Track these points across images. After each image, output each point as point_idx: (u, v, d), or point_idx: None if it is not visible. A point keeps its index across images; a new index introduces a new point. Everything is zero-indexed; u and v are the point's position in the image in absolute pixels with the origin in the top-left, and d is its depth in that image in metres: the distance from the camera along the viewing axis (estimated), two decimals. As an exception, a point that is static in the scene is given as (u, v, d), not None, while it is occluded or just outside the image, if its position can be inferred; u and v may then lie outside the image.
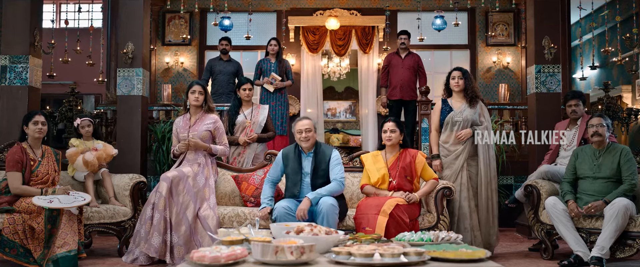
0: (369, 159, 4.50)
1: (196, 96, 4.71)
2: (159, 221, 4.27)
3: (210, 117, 4.75)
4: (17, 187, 4.19)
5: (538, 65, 6.24)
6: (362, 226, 4.05)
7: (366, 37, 9.81)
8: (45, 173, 4.33)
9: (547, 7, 6.28)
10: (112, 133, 7.32)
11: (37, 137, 4.34)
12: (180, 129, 4.76)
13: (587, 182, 4.46)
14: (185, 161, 4.67)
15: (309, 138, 4.29)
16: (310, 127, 4.29)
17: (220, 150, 4.75)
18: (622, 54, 7.67)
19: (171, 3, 8.11)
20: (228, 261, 2.38)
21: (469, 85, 4.76)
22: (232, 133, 5.55)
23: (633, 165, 4.39)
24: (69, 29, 7.65)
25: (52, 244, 4.02)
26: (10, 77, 6.01)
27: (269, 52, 7.18)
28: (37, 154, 4.36)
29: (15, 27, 6.04)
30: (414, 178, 4.36)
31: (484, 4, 8.60)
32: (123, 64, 6.33)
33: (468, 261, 2.51)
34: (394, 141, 4.40)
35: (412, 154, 4.40)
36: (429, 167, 4.43)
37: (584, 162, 4.51)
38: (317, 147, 4.36)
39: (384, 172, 4.36)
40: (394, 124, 4.42)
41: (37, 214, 4.06)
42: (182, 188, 4.42)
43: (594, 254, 4.12)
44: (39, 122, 4.33)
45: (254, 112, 5.55)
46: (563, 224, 4.37)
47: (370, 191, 4.38)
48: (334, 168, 4.29)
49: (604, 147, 4.50)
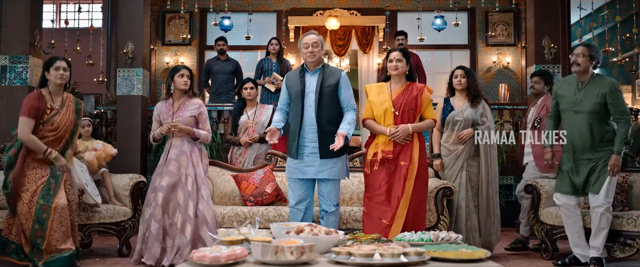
0: (373, 90, 4.24)
1: (185, 80, 4.48)
2: (157, 231, 4.24)
3: (194, 102, 4.54)
4: (25, 134, 3.97)
5: (538, 65, 6.24)
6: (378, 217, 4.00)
7: (366, 37, 9.81)
8: (61, 124, 4.11)
9: (547, 7, 6.29)
10: (112, 133, 7.32)
11: (59, 83, 4.16)
12: (162, 114, 4.52)
13: (568, 115, 4.22)
14: (172, 147, 4.45)
15: (315, 53, 4.02)
16: (317, 42, 4.03)
17: (203, 135, 4.52)
18: (622, 54, 7.68)
19: (171, 3, 8.11)
20: (228, 261, 2.37)
21: (471, 84, 4.75)
22: (235, 134, 5.54)
23: (621, 100, 4.10)
24: (69, 29, 7.66)
25: (42, 250, 3.96)
26: (10, 77, 6.01)
27: (270, 52, 7.18)
28: (56, 102, 4.16)
29: (15, 27, 6.04)
30: (417, 113, 4.14)
31: (484, 4, 8.60)
32: (123, 64, 6.33)
33: (468, 261, 2.51)
34: (400, 70, 4.15)
35: (419, 87, 4.16)
36: (432, 107, 4.22)
37: (566, 94, 4.26)
38: (324, 66, 4.12)
39: (388, 105, 4.11)
40: (400, 53, 4.17)
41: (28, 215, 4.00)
42: (180, 192, 4.33)
43: (592, 255, 4.12)
44: (60, 67, 4.15)
45: (258, 112, 5.54)
46: (569, 223, 4.25)
47: (370, 125, 4.18)
48: (345, 92, 4.07)
49: (587, 79, 4.20)
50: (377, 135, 4.13)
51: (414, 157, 4.05)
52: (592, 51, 4.22)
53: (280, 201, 4.91)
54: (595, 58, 4.22)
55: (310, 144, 4.02)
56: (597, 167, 4.10)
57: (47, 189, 4.03)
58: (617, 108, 4.08)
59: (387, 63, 4.22)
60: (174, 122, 4.38)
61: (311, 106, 4.02)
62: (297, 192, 4.10)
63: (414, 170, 4.03)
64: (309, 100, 4.03)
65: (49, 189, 4.04)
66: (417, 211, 4.02)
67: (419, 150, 4.07)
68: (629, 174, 4.78)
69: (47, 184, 4.04)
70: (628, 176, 4.76)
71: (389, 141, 4.06)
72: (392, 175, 4.04)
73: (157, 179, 4.38)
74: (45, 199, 3.99)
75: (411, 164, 4.03)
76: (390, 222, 3.94)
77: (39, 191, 4.00)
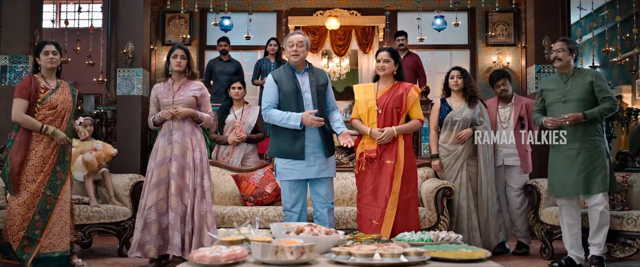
0: (359, 90, 4.29)
1: (178, 61, 4.31)
2: (175, 220, 4.07)
3: (195, 83, 4.39)
4: (18, 114, 3.98)
5: (538, 65, 6.24)
6: (368, 219, 4.01)
7: (366, 37, 9.81)
8: (58, 102, 4.10)
9: (547, 7, 6.29)
10: (112, 133, 7.33)
11: (50, 67, 4.15)
12: (162, 94, 4.32)
13: (557, 106, 4.19)
14: (175, 130, 4.26)
15: (298, 53, 3.98)
16: (302, 42, 4.01)
17: (206, 117, 4.39)
18: (622, 54, 7.68)
19: (171, 3, 8.11)
20: (228, 261, 2.37)
21: (467, 85, 4.76)
22: (221, 132, 5.53)
23: (607, 86, 4.15)
24: (69, 29, 7.66)
25: (38, 242, 3.91)
26: (10, 77, 6.01)
27: (269, 52, 7.18)
28: (51, 84, 4.17)
29: (15, 27, 6.05)
30: (402, 111, 4.12)
31: (484, 4, 8.60)
32: (123, 64, 6.33)
33: (468, 261, 2.51)
34: (387, 71, 4.15)
35: (406, 86, 4.15)
36: (419, 107, 4.19)
37: (553, 88, 4.26)
38: (311, 66, 4.14)
39: (372, 104, 4.13)
40: (388, 54, 4.17)
41: (31, 205, 3.96)
42: (188, 176, 4.18)
43: (593, 253, 4.10)
44: (49, 51, 4.15)
45: (245, 112, 5.53)
46: (570, 224, 4.19)
47: (355, 125, 4.21)
48: (330, 92, 4.20)
49: (571, 71, 4.22)
50: (363, 135, 4.15)
51: (399, 156, 4.05)
52: (570, 44, 4.23)
53: (280, 201, 4.90)
54: (574, 50, 4.24)
55: (311, 144, 3.99)
56: (590, 165, 4.06)
57: (54, 179, 4.03)
58: (604, 92, 4.11)
59: (375, 63, 4.22)
60: (175, 110, 4.21)
61: (309, 106, 4.00)
62: (293, 195, 4.04)
63: (400, 168, 4.02)
64: (306, 99, 4.01)
65: (57, 179, 4.04)
66: (407, 211, 4.01)
67: (405, 149, 4.07)
68: (628, 174, 4.78)
69: (54, 173, 4.03)
70: (628, 175, 4.76)
71: (372, 140, 4.07)
72: (379, 174, 4.05)
73: (162, 166, 4.17)
74: (52, 190, 3.99)
75: (397, 163, 4.03)
76: (379, 221, 3.95)
77: (46, 181, 3.99)
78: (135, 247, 4.09)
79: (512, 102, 5.03)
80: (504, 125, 4.95)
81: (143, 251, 4.09)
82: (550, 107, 4.26)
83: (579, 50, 4.30)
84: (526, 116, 4.87)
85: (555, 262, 4.25)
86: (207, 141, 6.01)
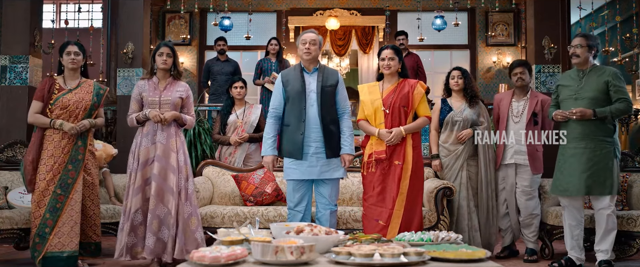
0: (364, 90, 4.22)
1: (164, 59, 4.24)
2: (151, 222, 4.04)
3: (181, 84, 4.35)
4: (31, 115, 4.14)
5: (538, 65, 6.24)
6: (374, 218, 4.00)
7: (366, 37, 9.81)
8: (71, 102, 4.15)
9: (547, 7, 6.29)
10: (112, 133, 7.33)
11: (71, 67, 4.23)
12: (146, 92, 4.23)
13: (569, 102, 4.09)
14: (159, 130, 4.19)
15: (311, 51, 3.96)
16: (315, 40, 3.98)
17: (189, 120, 4.34)
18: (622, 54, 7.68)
19: (171, 3, 8.12)
20: (228, 261, 2.37)
21: (468, 85, 4.75)
22: (224, 133, 5.53)
23: (624, 87, 4.03)
24: (69, 29, 7.66)
25: (47, 239, 3.95)
26: (10, 77, 6.02)
27: (270, 52, 7.18)
28: (70, 84, 4.23)
29: (15, 27, 6.05)
30: (410, 109, 4.08)
31: (484, 4, 8.61)
32: (123, 64, 6.34)
33: (468, 261, 2.51)
34: (393, 69, 4.10)
35: (412, 83, 4.10)
36: (426, 104, 4.13)
37: (568, 84, 4.17)
38: (322, 66, 4.08)
39: (378, 104, 4.08)
40: (392, 51, 4.11)
41: (41, 202, 4.00)
42: (172, 178, 4.12)
43: (601, 258, 4.03)
44: (71, 52, 4.22)
45: (246, 111, 5.53)
46: (572, 225, 4.14)
47: (362, 127, 4.17)
48: (342, 93, 4.05)
49: (588, 68, 4.11)
50: (371, 136, 4.14)
51: (407, 157, 4.04)
52: (590, 41, 4.13)
53: (280, 201, 4.91)
54: (594, 47, 4.13)
55: (314, 144, 3.97)
56: (594, 166, 3.99)
57: (66, 178, 4.05)
58: (620, 93, 4.00)
59: (379, 61, 4.19)
60: (163, 116, 4.14)
61: (313, 106, 3.97)
62: (297, 194, 4.04)
63: (408, 169, 4.01)
64: (311, 99, 3.97)
65: (69, 177, 4.06)
66: (411, 211, 4.01)
67: (413, 149, 4.06)
68: (628, 174, 4.78)
69: (65, 172, 4.05)
70: (628, 175, 4.76)
71: (381, 141, 4.06)
72: (387, 175, 4.03)
73: (145, 167, 4.12)
74: (62, 189, 4.02)
75: (405, 163, 4.02)
76: (386, 222, 3.94)
77: (56, 179, 4.02)
78: (123, 250, 4.05)
79: (527, 96, 4.72)
80: (516, 119, 4.66)
81: (131, 253, 4.08)
82: (563, 103, 4.17)
83: (598, 47, 4.18)
84: (540, 113, 4.61)
85: (555, 263, 4.24)
86: (208, 141, 6.02)
